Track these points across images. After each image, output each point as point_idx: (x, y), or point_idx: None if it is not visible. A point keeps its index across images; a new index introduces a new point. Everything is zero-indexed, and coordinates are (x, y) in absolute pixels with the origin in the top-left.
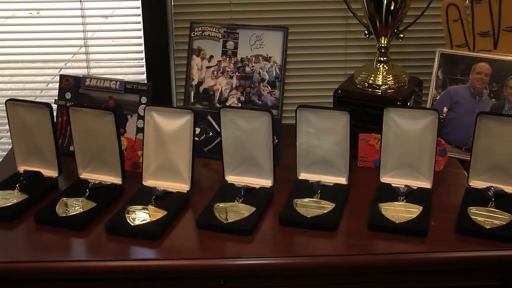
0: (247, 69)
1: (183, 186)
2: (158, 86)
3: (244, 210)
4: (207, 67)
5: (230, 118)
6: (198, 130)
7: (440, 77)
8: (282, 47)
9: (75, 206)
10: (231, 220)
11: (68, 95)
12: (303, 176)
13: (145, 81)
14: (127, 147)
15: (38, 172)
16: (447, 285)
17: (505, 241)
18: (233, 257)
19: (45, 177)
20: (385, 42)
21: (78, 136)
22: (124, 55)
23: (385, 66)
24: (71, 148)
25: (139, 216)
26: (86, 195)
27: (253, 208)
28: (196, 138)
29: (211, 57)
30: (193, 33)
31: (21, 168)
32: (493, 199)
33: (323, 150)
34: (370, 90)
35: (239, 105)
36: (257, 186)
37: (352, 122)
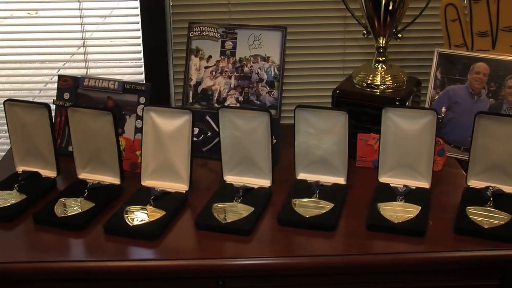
0: (246, 69)
1: (182, 186)
2: (157, 86)
3: (243, 210)
4: (206, 67)
5: (229, 118)
6: (197, 130)
7: (439, 77)
8: (281, 47)
9: (74, 206)
10: (230, 220)
11: (67, 95)
12: (302, 176)
13: (144, 81)
14: (126, 147)
15: (37, 173)
16: (446, 285)
17: (504, 241)
18: (232, 257)
19: (44, 178)
20: (384, 42)
21: (77, 136)
22: (123, 55)
23: (384, 66)
24: (70, 149)
25: (138, 216)
26: (85, 195)
27: (252, 208)
28: (195, 138)
29: (210, 57)
30: (192, 33)
31: (20, 169)
32: (492, 199)
33: (322, 150)
34: (369, 90)
35: (238, 105)
36: (256, 186)
37: (351, 122)
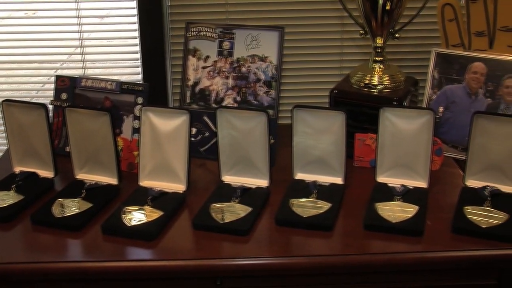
0: (243, 69)
1: (179, 187)
2: (154, 87)
3: (241, 210)
4: (203, 67)
5: (226, 118)
6: (194, 131)
7: (436, 77)
8: (278, 47)
9: (71, 207)
10: (228, 220)
11: (64, 96)
12: (299, 176)
13: (141, 82)
14: (123, 148)
15: (34, 173)
16: (443, 285)
17: (501, 241)
18: (230, 257)
19: (41, 178)
20: (381, 42)
21: (74, 137)
22: (120, 56)
23: (381, 66)
24: (67, 149)
25: (135, 217)
26: (82, 196)
27: (250, 208)
28: (192, 138)
29: (207, 57)
30: (189, 33)
31: (17, 169)
32: (489, 199)
33: (319, 150)
34: (366, 90)
35: (235, 105)
36: (253, 186)
37: (348, 122)
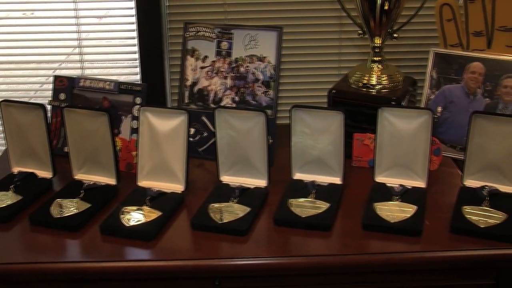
0: (242, 69)
1: (178, 187)
2: (153, 87)
3: (239, 210)
4: (201, 68)
5: (225, 119)
6: (193, 131)
7: (434, 77)
8: (276, 47)
9: (70, 207)
10: (226, 221)
11: (62, 96)
12: (298, 176)
13: (139, 82)
14: (122, 148)
15: (33, 173)
16: (442, 284)
17: (500, 240)
18: (228, 258)
19: (40, 178)
20: (379, 42)
21: (73, 137)
22: (118, 56)
23: (379, 66)
24: (66, 149)
25: (134, 217)
26: (81, 196)
27: (248, 208)
28: (191, 139)
29: (205, 58)
30: (187, 34)
31: (16, 169)
32: (487, 198)
33: (318, 150)
34: (365, 90)
35: (234, 105)
36: (252, 186)
37: (347, 122)
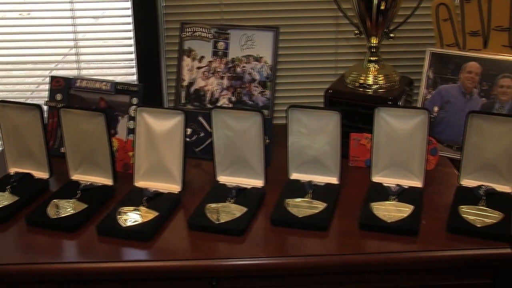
0: (238, 70)
1: (175, 187)
2: (149, 87)
3: (236, 211)
4: (198, 68)
5: (221, 119)
6: (189, 131)
7: (431, 77)
8: (273, 47)
9: (67, 208)
10: (223, 221)
11: (59, 97)
12: (295, 176)
13: (136, 82)
14: (118, 148)
15: (29, 174)
16: (439, 284)
17: (496, 240)
18: (225, 258)
19: (36, 179)
20: (376, 42)
21: (69, 138)
22: (115, 56)
23: (376, 66)
24: (62, 150)
25: (131, 217)
26: (77, 197)
27: (245, 209)
28: (187, 139)
29: (202, 58)
30: (184, 34)
31: (12, 170)
32: (484, 198)
33: (314, 150)
34: (361, 90)
35: (230, 106)
36: (249, 187)
37: (343, 122)
